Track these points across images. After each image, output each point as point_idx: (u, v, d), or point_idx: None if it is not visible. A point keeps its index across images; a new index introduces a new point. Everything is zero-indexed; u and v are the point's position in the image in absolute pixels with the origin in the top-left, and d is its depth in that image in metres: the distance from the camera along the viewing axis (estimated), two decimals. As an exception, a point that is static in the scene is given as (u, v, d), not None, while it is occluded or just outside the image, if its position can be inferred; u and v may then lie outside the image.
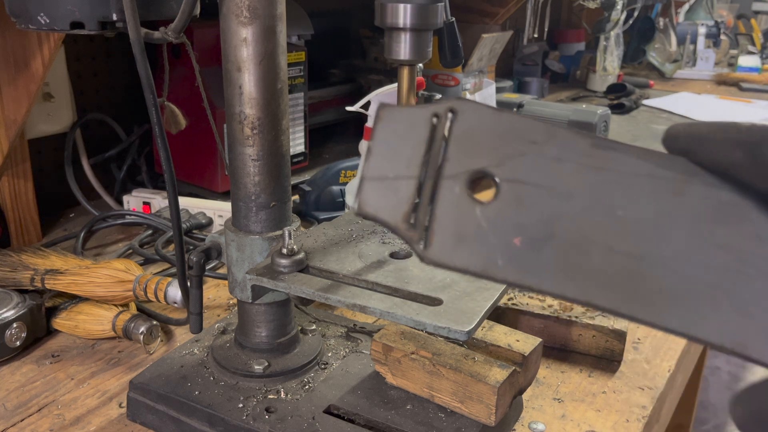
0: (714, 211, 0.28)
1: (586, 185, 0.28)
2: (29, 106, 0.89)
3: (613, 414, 0.68)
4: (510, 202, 0.28)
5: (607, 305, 0.28)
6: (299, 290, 0.55)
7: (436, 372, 0.61)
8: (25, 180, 1.00)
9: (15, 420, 0.65)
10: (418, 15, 0.54)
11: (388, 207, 0.29)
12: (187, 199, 1.09)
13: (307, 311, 0.78)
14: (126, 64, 1.24)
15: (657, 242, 0.28)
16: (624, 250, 0.28)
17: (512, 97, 1.68)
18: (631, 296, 0.28)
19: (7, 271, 0.80)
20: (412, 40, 0.55)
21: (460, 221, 0.28)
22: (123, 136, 1.22)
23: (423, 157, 0.29)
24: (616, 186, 0.28)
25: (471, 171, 0.29)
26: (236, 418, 0.60)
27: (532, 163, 0.29)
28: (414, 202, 0.29)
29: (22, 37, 0.85)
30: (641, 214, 0.28)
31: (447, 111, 0.29)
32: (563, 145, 0.29)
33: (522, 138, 0.29)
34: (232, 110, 0.60)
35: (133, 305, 0.81)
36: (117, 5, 0.62)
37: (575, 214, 0.28)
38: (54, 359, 0.75)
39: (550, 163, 0.29)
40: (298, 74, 1.20)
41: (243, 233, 0.63)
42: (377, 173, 0.29)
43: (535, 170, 0.29)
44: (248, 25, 0.57)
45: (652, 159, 0.28)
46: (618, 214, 0.28)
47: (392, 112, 0.30)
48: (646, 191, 0.28)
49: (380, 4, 0.54)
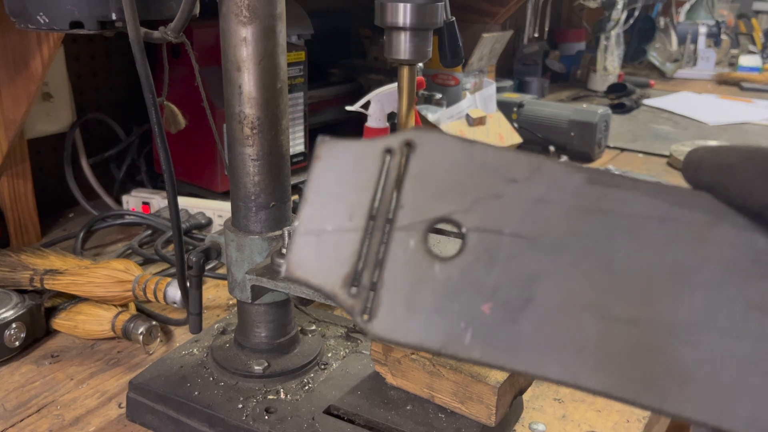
0: (748, 262, 0.21)
1: (577, 233, 0.22)
2: (28, 105, 0.89)
3: (613, 414, 0.68)
4: (479, 257, 0.22)
5: (603, 389, 0.22)
6: (299, 290, 0.55)
7: (436, 372, 0.61)
8: (25, 180, 1.00)
9: (14, 420, 0.65)
10: (417, 14, 0.54)
11: (324, 269, 0.23)
12: (186, 199, 1.09)
13: (307, 311, 0.78)
14: (125, 64, 1.24)
15: (672, 305, 0.21)
16: (627, 317, 0.21)
17: (512, 97, 1.68)
18: (637, 378, 0.21)
19: (6, 271, 0.80)
20: (411, 39, 0.55)
21: (414, 284, 0.22)
22: (122, 136, 1.22)
23: (370, 203, 0.23)
24: (618, 233, 0.22)
25: (430, 220, 0.23)
26: (236, 419, 0.60)
27: (509, 207, 0.23)
28: (357, 261, 0.23)
29: (21, 37, 0.84)
30: (651, 268, 0.22)
31: (402, 145, 0.24)
32: (550, 182, 0.22)
33: (498, 176, 0.23)
34: (231, 110, 0.60)
35: (132, 305, 0.81)
36: (116, 5, 0.62)
37: (563, 270, 0.22)
38: (53, 359, 0.75)
39: (532, 206, 0.23)
40: (298, 74, 1.20)
41: (243, 233, 0.63)
42: (312, 226, 0.23)
43: (513, 216, 0.23)
44: (248, 24, 0.57)
45: (667, 197, 0.22)
46: (619, 270, 0.22)
47: (334, 148, 0.25)
48: (658, 239, 0.22)
49: (380, 3, 0.54)
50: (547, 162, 0.23)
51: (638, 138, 1.76)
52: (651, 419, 0.69)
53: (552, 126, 1.58)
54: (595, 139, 1.53)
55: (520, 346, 0.22)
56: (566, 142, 1.56)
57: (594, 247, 0.22)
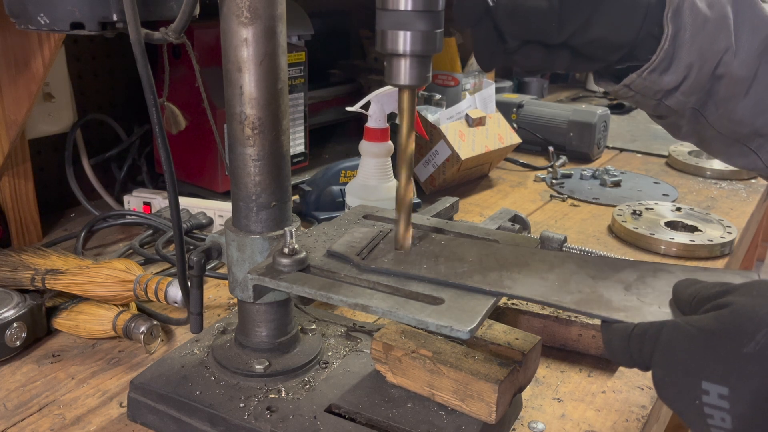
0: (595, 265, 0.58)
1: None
2: (30, 106, 0.90)
3: (612, 414, 0.68)
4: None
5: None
6: (301, 290, 0.56)
7: (437, 370, 0.61)
8: (26, 180, 1.00)
9: (15, 419, 0.65)
10: (419, 42, 0.53)
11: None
12: (187, 199, 1.09)
13: (307, 311, 0.78)
14: (126, 65, 1.24)
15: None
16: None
17: (512, 98, 1.68)
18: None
19: (7, 270, 0.81)
20: (412, 65, 0.54)
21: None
22: (123, 136, 1.22)
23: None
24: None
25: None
26: (238, 418, 0.60)
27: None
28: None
29: (22, 38, 0.85)
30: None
31: None
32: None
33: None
34: (232, 110, 0.60)
35: (133, 305, 0.81)
36: (117, 6, 0.62)
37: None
38: (54, 359, 0.75)
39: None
40: (298, 74, 1.20)
41: (243, 233, 0.63)
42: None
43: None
44: (248, 25, 0.57)
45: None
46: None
47: None
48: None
49: (381, 31, 0.54)
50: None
51: (637, 138, 1.76)
52: (650, 419, 0.70)
53: (551, 126, 1.58)
54: (594, 139, 1.53)
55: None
56: (565, 142, 1.56)
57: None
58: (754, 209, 1.30)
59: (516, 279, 0.55)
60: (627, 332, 0.46)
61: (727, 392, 0.38)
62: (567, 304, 0.51)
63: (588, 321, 0.76)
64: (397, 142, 0.59)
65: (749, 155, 0.66)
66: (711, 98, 0.63)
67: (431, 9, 0.52)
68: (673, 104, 0.63)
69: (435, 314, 0.51)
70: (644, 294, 0.52)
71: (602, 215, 1.23)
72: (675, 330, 0.42)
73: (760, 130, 0.63)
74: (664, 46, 0.59)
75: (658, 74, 0.61)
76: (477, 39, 0.58)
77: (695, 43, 0.59)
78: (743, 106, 0.62)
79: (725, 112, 0.63)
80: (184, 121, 0.81)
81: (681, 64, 0.60)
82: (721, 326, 0.40)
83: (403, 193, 0.59)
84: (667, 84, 0.61)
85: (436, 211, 0.76)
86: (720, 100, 0.63)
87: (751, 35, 0.61)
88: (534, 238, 0.65)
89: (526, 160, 1.52)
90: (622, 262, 0.57)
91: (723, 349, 0.39)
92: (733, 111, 0.63)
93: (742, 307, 0.40)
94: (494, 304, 0.53)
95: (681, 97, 0.62)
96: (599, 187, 1.38)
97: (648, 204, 1.20)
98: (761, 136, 0.64)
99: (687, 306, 0.46)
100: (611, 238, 1.13)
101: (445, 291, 0.54)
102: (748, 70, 0.61)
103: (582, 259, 0.58)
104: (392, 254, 0.60)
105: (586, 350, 0.77)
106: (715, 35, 0.60)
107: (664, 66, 0.60)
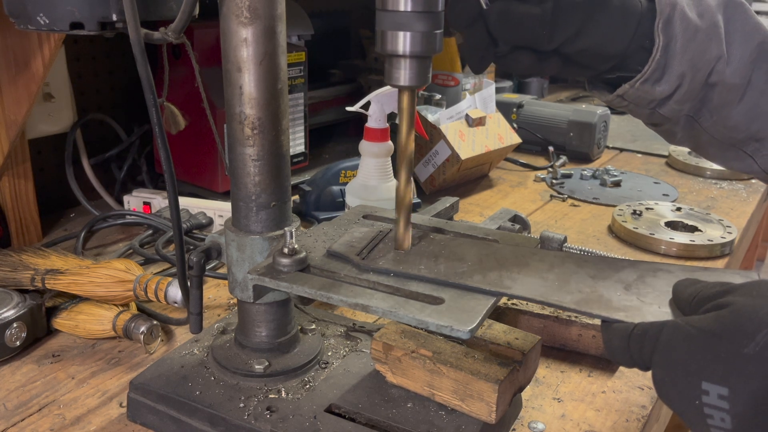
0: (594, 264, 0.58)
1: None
2: (30, 106, 0.90)
3: (612, 414, 0.68)
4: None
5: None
6: (301, 290, 0.56)
7: (437, 370, 0.61)
8: (26, 180, 1.00)
9: (15, 420, 0.65)
10: (418, 43, 0.53)
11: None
12: (187, 199, 1.09)
13: (307, 311, 0.78)
14: (126, 65, 1.24)
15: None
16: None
17: (512, 98, 1.68)
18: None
19: (7, 270, 0.81)
20: (412, 66, 0.54)
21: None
22: (123, 136, 1.22)
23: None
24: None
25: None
26: (238, 418, 0.60)
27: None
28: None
29: (22, 38, 0.85)
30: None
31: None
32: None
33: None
34: (232, 110, 0.60)
35: (133, 305, 0.81)
36: (117, 6, 0.62)
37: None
38: (54, 359, 0.75)
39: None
40: (298, 74, 1.20)
41: (243, 233, 0.63)
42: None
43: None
44: (248, 25, 0.57)
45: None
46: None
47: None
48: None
49: (381, 31, 0.54)
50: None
51: (637, 138, 1.76)
52: (650, 419, 0.70)
53: (551, 126, 1.58)
54: (594, 139, 1.53)
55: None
56: (565, 142, 1.56)
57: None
58: (754, 209, 1.30)
59: (516, 279, 0.55)
60: (627, 332, 0.46)
61: (727, 392, 0.38)
62: (567, 304, 0.51)
63: (588, 321, 0.76)
64: (397, 142, 0.59)
65: (745, 159, 0.66)
66: (705, 105, 0.63)
67: (431, 10, 0.52)
68: (667, 112, 0.63)
69: (435, 314, 0.51)
70: (644, 294, 0.51)
71: (602, 215, 1.23)
72: (675, 330, 0.42)
73: (756, 134, 0.63)
74: (656, 56, 0.59)
75: (651, 84, 0.61)
76: (468, 41, 0.58)
77: (687, 53, 0.59)
78: (738, 112, 0.63)
79: (720, 118, 0.63)
80: (183, 121, 0.82)
81: (673, 73, 0.60)
82: (721, 326, 0.40)
83: (402, 193, 0.59)
84: (660, 93, 0.61)
85: (436, 211, 0.76)
86: (714, 108, 0.63)
87: (742, 43, 0.61)
88: (534, 238, 0.65)
89: (526, 160, 1.52)
90: (621, 261, 0.57)
91: (723, 350, 0.39)
92: (728, 117, 0.63)
93: (742, 308, 0.40)
94: (494, 304, 0.53)
95: (675, 106, 0.62)
96: (599, 187, 1.38)
97: (648, 204, 1.20)
98: (757, 141, 0.64)
99: (687, 306, 0.46)
100: (611, 238, 1.13)
101: (445, 291, 0.54)
102: (742, 77, 0.61)
103: (582, 259, 0.58)
104: (392, 254, 0.60)
105: (586, 350, 0.77)
106: (707, 44, 0.60)
107: (656, 76, 0.60)
